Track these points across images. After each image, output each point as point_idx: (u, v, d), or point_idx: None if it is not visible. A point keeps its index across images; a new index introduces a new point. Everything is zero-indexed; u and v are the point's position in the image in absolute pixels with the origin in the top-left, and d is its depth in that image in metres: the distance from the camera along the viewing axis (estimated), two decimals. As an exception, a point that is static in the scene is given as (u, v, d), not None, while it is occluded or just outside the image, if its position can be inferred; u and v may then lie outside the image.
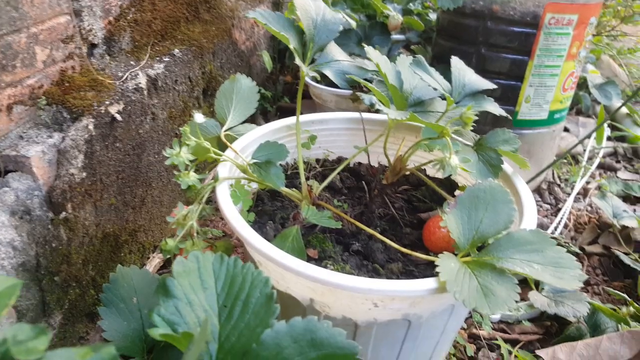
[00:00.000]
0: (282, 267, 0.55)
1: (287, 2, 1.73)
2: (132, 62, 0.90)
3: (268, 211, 0.77)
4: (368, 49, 0.78)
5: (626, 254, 1.07)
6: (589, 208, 1.30)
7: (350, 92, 1.28)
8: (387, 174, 0.81)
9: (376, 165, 0.94)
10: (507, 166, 0.78)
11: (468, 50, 1.17)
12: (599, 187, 1.38)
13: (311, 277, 0.54)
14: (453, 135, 0.74)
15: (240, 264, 0.53)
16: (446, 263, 0.54)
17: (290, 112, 1.66)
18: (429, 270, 0.66)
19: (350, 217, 0.78)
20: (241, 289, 0.51)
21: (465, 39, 1.17)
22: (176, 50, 1.00)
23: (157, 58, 0.95)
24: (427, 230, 0.72)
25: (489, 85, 0.80)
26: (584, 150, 1.63)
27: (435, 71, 0.81)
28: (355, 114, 0.94)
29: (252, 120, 0.86)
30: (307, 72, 0.68)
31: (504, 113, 0.75)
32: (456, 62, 0.81)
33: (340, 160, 0.94)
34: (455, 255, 0.60)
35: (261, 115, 1.60)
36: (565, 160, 1.54)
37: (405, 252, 0.63)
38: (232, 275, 0.52)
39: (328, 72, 0.75)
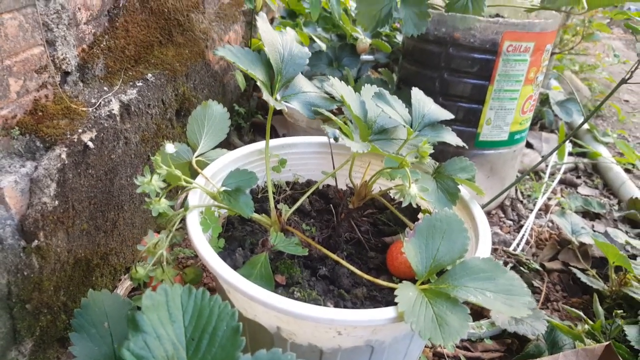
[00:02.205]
0: (248, 297, 0.58)
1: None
2: (105, 88, 0.92)
3: (238, 237, 0.79)
4: (333, 80, 0.82)
5: (584, 270, 1.13)
6: (550, 224, 1.36)
7: (321, 113, 1.32)
8: (353, 198, 0.84)
9: (345, 187, 0.98)
10: (465, 192, 0.83)
11: (432, 74, 1.22)
12: (560, 204, 1.45)
13: (276, 307, 0.57)
14: (414, 163, 0.78)
15: (208, 296, 0.56)
16: (405, 292, 0.58)
17: (264, 128, 1.68)
18: (392, 294, 0.70)
19: (318, 241, 0.81)
20: (208, 321, 0.54)
21: (428, 63, 1.22)
22: (149, 75, 1.02)
23: (131, 83, 0.97)
24: (390, 256, 0.75)
25: (447, 115, 0.84)
26: (547, 166, 1.70)
27: (397, 101, 0.86)
28: (324, 139, 0.97)
29: (226, 136, 0.89)
30: (275, 105, 0.71)
31: (460, 143, 0.80)
32: (416, 93, 0.86)
33: (309, 183, 0.97)
34: (416, 281, 0.63)
35: (235, 131, 1.62)
36: (528, 177, 1.61)
37: (369, 279, 0.67)
38: (200, 307, 0.55)
39: (295, 104, 0.78)
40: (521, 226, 1.33)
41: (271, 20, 1.95)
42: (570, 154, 1.83)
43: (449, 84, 1.20)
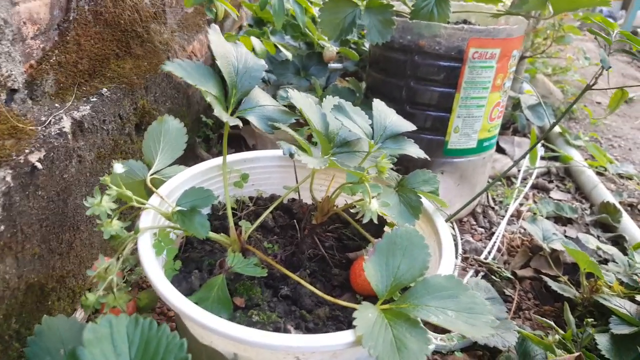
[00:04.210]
0: (200, 325, 0.55)
1: (227, 28, 1.73)
2: (56, 105, 0.88)
3: (195, 258, 0.76)
4: (292, 92, 0.79)
5: (556, 277, 1.13)
6: (522, 230, 1.35)
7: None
8: (317, 214, 0.82)
9: (311, 201, 0.96)
10: (429, 205, 0.81)
11: (398, 82, 1.21)
12: (531, 210, 1.44)
13: (229, 336, 0.54)
14: (376, 176, 0.76)
15: (155, 326, 0.53)
16: (364, 314, 0.56)
17: (233, 138, 1.65)
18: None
19: (280, 259, 0.79)
20: (156, 353, 0.51)
21: (395, 72, 1.21)
22: (104, 90, 0.98)
23: (84, 99, 0.94)
24: (352, 273, 0.73)
25: (409, 126, 0.83)
26: (519, 171, 1.70)
27: (359, 112, 0.84)
28: (287, 152, 0.95)
29: (182, 152, 0.86)
30: (228, 121, 0.68)
31: (422, 155, 0.78)
32: (377, 104, 0.84)
33: (273, 198, 0.95)
34: (377, 300, 0.61)
35: (203, 142, 1.59)
36: (500, 183, 1.60)
37: (330, 300, 0.64)
38: (147, 339, 0.52)
39: (252, 118, 0.75)
40: (493, 233, 1.32)
41: (239, 29, 1.93)
42: (542, 158, 1.84)
43: (416, 92, 1.19)
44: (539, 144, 1.94)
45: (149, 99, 1.16)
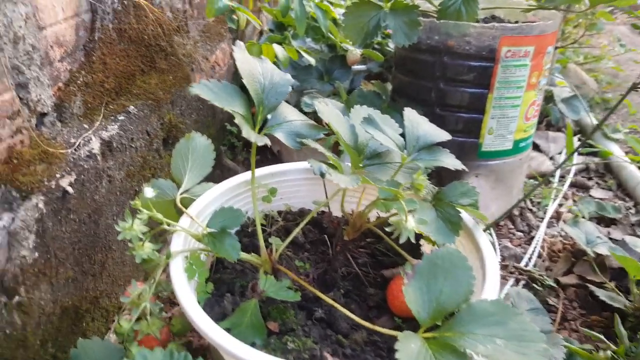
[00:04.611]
0: (231, 355, 0.54)
1: (248, 35, 1.72)
2: (85, 126, 0.88)
3: (227, 279, 0.75)
4: (319, 106, 0.77)
5: (602, 283, 1.07)
6: (563, 233, 1.30)
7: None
8: (348, 229, 0.80)
9: (341, 214, 0.93)
10: (468, 218, 0.78)
11: (426, 84, 1.17)
12: (571, 212, 1.38)
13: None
14: (411, 191, 0.73)
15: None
16: (406, 345, 0.53)
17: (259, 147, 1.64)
18: (394, 339, 0.65)
19: (312, 278, 0.76)
20: (191, 390, 0.50)
21: (422, 74, 1.17)
22: (131, 107, 0.98)
23: (112, 117, 0.93)
24: (390, 295, 0.71)
25: (443, 136, 0.79)
26: (556, 168, 1.63)
27: (389, 122, 0.81)
28: (317, 164, 0.92)
29: (217, 158, 0.85)
30: (257, 141, 0.66)
31: (460, 167, 0.75)
32: (409, 114, 0.81)
33: (302, 212, 0.93)
34: (417, 323, 0.58)
35: (229, 150, 1.58)
36: (536, 181, 1.54)
37: (368, 326, 0.61)
38: (182, 374, 0.51)
39: (280, 135, 0.73)
40: (532, 238, 1.27)
41: (260, 34, 1.91)
42: (579, 153, 1.77)
43: (446, 94, 1.15)
44: (576, 139, 1.87)
45: (175, 113, 1.16)
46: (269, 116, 0.75)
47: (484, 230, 1.18)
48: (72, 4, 0.86)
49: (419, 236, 0.84)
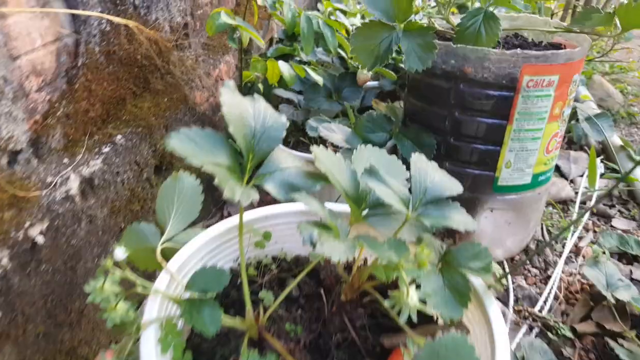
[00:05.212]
0: None
1: (255, 47, 1.64)
2: (65, 161, 0.81)
3: (206, 349, 0.68)
4: (316, 151, 0.69)
5: (621, 334, 0.98)
6: (582, 271, 1.20)
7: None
8: (346, 288, 0.72)
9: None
10: (479, 284, 0.69)
11: (441, 112, 1.08)
12: (592, 243, 1.29)
13: None
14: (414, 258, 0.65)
15: None
16: None
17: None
18: None
19: (304, 344, 0.69)
20: None
21: (436, 100, 1.08)
22: (118, 137, 0.91)
23: (96, 149, 0.86)
24: (387, 373, 0.63)
25: (454, 189, 0.71)
26: (576, 193, 1.54)
27: (393, 171, 0.74)
28: (315, 206, 0.85)
29: (198, 215, 0.78)
30: (242, 200, 0.58)
31: (471, 227, 0.66)
32: (416, 160, 0.73)
33: (299, 260, 0.85)
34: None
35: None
36: (554, 210, 1.45)
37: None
38: None
39: (270, 187, 0.65)
40: (549, 277, 1.18)
41: (270, 42, 1.83)
42: (601, 175, 1.67)
43: (461, 123, 1.06)
44: (598, 159, 1.76)
45: (169, 137, 1.09)
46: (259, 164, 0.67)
47: (504, 277, 1.10)
48: (52, 29, 0.79)
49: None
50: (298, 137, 1.36)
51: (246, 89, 1.44)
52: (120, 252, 0.61)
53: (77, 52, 0.85)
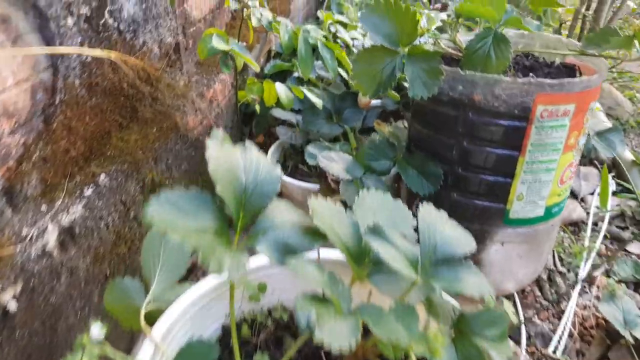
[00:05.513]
0: None
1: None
2: (43, 208, 0.75)
3: None
4: (314, 204, 0.63)
5: (641, 380, 0.92)
6: (597, 303, 1.14)
7: (318, 187, 1.13)
8: (349, 357, 0.66)
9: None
10: (494, 355, 0.63)
11: (447, 141, 1.01)
12: (606, 272, 1.23)
13: None
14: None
15: None
16: None
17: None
18: None
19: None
20: None
21: (443, 128, 1.02)
22: (102, 177, 0.85)
23: (78, 192, 0.80)
24: None
25: (468, 245, 0.65)
26: (587, 214, 1.47)
27: (400, 221, 0.68)
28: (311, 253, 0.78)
29: (185, 272, 0.71)
30: (231, 274, 0.52)
31: (487, 293, 0.60)
32: (425, 214, 0.66)
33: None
34: None
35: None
36: (565, 234, 1.39)
37: None
38: None
39: (262, 247, 0.59)
40: (562, 310, 1.12)
41: (268, 54, 1.76)
42: (614, 193, 1.60)
43: (470, 154, 0.99)
44: (610, 176, 1.70)
45: (160, 169, 1.03)
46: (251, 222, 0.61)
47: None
48: (26, 65, 0.73)
49: None
50: (297, 161, 1.30)
51: (242, 109, 1.38)
52: (96, 331, 0.55)
53: (55, 87, 0.78)
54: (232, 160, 0.60)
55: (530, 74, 1.01)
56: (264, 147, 1.66)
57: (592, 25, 2.01)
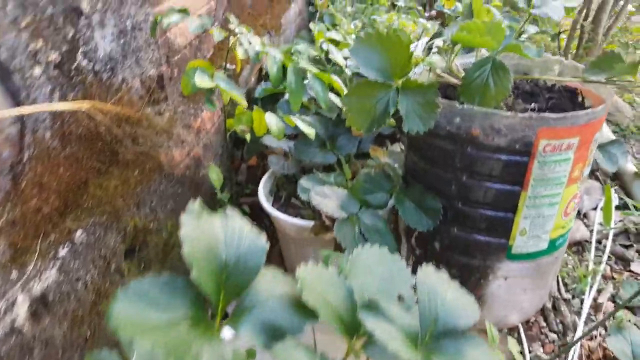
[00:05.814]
0: None
1: (242, 84, 1.51)
2: (12, 277, 0.70)
3: None
4: (302, 275, 0.58)
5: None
6: (604, 331, 1.10)
7: (312, 224, 1.08)
8: None
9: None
10: None
11: (445, 175, 0.97)
12: (613, 299, 1.18)
13: None
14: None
15: None
16: None
17: (252, 207, 1.45)
18: None
19: None
20: None
21: (441, 162, 0.97)
22: (78, 233, 0.79)
23: (51, 254, 0.75)
24: None
25: (471, 313, 0.60)
26: (591, 232, 1.43)
27: (398, 283, 0.62)
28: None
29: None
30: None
31: (493, 374, 0.55)
32: (424, 277, 0.61)
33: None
34: None
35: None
36: (569, 257, 1.34)
37: None
38: None
39: (246, 330, 0.53)
40: (567, 342, 1.07)
41: (259, 73, 1.70)
42: (616, 207, 1.55)
43: (470, 189, 0.94)
44: (612, 190, 1.65)
45: (143, 213, 0.97)
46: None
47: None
48: (-10, 124, 0.67)
49: None
50: (290, 191, 1.25)
51: (233, 135, 1.33)
52: None
53: (22, 144, 0.73)
54: (210, 235, 0.55)
55: (532, 104, 0.96)
56: (256, 170, 1.61)
57: (590, 35, 1.96)
